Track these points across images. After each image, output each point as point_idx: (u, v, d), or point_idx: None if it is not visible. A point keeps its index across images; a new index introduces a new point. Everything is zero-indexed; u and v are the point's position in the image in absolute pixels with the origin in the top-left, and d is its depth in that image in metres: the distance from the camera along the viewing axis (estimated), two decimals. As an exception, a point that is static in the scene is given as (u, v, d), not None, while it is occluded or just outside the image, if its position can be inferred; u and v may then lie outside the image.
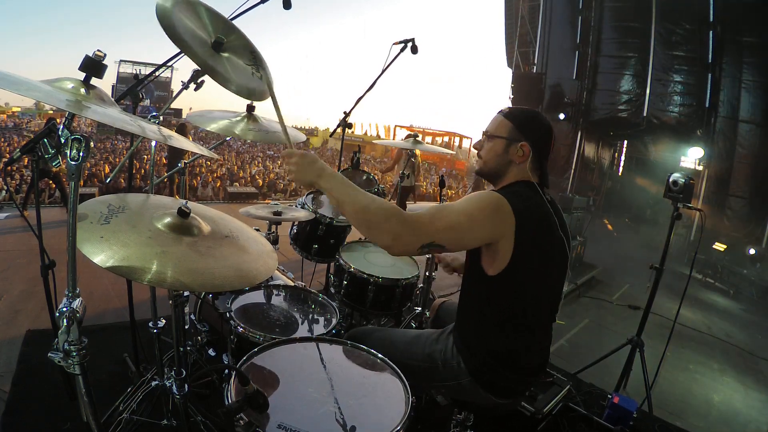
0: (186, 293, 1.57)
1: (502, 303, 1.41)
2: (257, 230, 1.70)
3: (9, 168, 10.64)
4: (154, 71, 2.11)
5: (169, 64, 1.85)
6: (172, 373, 1.59)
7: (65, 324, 0.93)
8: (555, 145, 1.53)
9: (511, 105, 10.33)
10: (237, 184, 14.68)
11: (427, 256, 2.34)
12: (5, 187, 8.92)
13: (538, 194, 1.43)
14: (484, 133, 1.54)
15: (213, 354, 2.02)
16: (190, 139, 7.78)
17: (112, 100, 1.09)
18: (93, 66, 0.98)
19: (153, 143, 1.92)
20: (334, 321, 1.89)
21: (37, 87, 0.91)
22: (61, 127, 0.89)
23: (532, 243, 1.33)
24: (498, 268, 1.34)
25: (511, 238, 1.30)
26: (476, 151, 1.60)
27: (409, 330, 2.15)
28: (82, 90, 0.99)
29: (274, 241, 2.31)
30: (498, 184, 1.51)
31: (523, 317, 1.43)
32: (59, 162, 0.91)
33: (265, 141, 2.05)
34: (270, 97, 1.49)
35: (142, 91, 1.83)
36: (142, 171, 12.28)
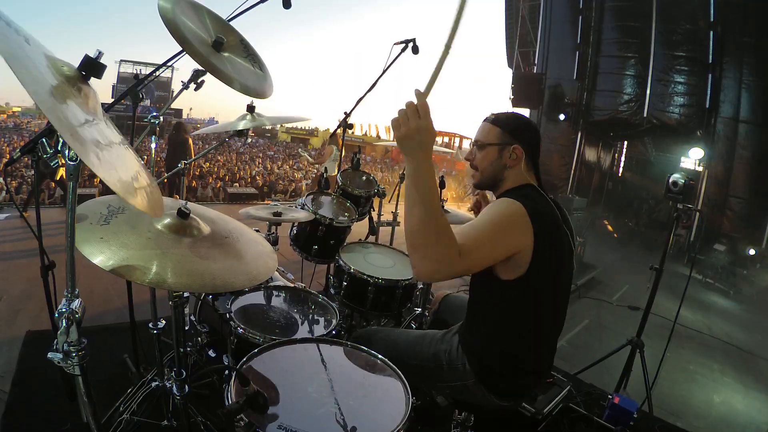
0: (186, 294, 1.57)
1: (519, 308, 1.39)
2: (257, 231, 1.70)
3: (9, 168, 10.65)
4: (154, 71, 2.10)
5: (170, 64, 1.85)
6: (172, 373, 1.59)
7: (65, 325, 0.93)
8: (554, 145, 1.53)
9: (512, 105, 10.37)
10: (237, 184, 14.67)
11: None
12: (5, 188, 8.92)
13: (543, 197, 1.43)
14: (475, 144, 1.53)
15: (213, 355, 2.02)
16: (189, 140, 7.65)
17: (97, 100, 1.04)
18: (92, 66, 0.97)
19: (153, 144, 1.93)
20: (334, 322, 1.88)
21: (28, 68, 0.85)
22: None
23: (548, 247, 1.32)
24: (515, 274, 1.32)
25: (530, 245, 1.29)
26: (468, 163, 1.57)
27: (413, 330, 2.14)
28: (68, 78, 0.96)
29: (274, 242, 2.31)
30: (498, 191, 1.51)
31: (539, 321, 1.42)
32: (58, 162, 0.90)
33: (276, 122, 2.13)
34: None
35: (142, 91, 1.83)
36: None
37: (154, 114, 1.76)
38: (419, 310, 2.55)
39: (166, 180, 6.82)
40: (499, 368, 1.43)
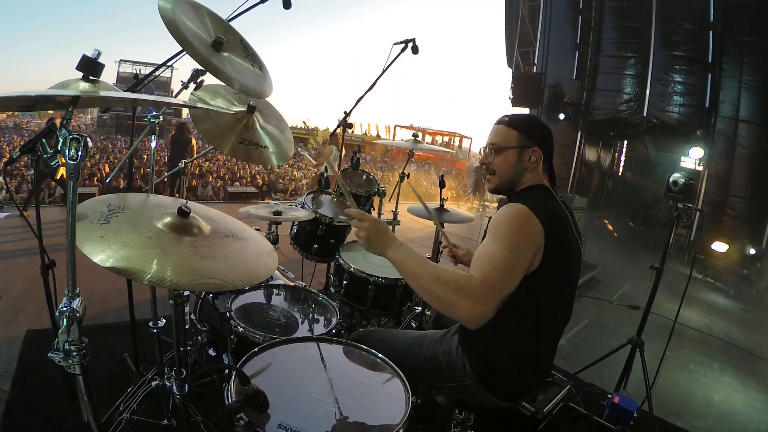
0: (186, 293, 1.57)
1: (525, 308, 1.37)
2: (257, 230, 1.70)
3: (9, 167, 10.64)
4: (154, 71, 2.11)
5: (170, 63, 1.85)
6: (173, 372, 1.59)
7: (65, 324, 0.93)
8: (555, 145, 1.53)
9: (511, 105, 10.37)
10: (237, 183, 14.67)
11: (427, 255, 2.34)
12: (5, 187, 8.92)
13: (553, 197, 1.43)
14: (491, 147, 1.50)
15: (213, 354, 2.02)
16: (193, 139, 7.68)
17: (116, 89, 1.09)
18: (90, 65, 0.98)
19: (153, 143, 1.92)
20: (334, 321, 1.89)
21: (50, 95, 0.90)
22: (60, 126, 0.89)
23: (558, 248, 1.32)
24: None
25: (542, 246, 1.29)
26: (483, 166, 1.56)
27: (412, 331, 2.14)
28: (86, 86, 0.99)
29: (275, 241, 2.31)
30: (512, 192, 1.50)
31: (544, 322, 1.41)
32: (58, 161, 0.90)
33: (251, 160, 1.94)
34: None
35: (141, 90, 1.83)
36: (142, 171, 12.28)
37: (154, 113, 1.76)
38: (419, 308, 2.55)
39: (166, 179, 6.82)
40: (501, 368, 1.43)
